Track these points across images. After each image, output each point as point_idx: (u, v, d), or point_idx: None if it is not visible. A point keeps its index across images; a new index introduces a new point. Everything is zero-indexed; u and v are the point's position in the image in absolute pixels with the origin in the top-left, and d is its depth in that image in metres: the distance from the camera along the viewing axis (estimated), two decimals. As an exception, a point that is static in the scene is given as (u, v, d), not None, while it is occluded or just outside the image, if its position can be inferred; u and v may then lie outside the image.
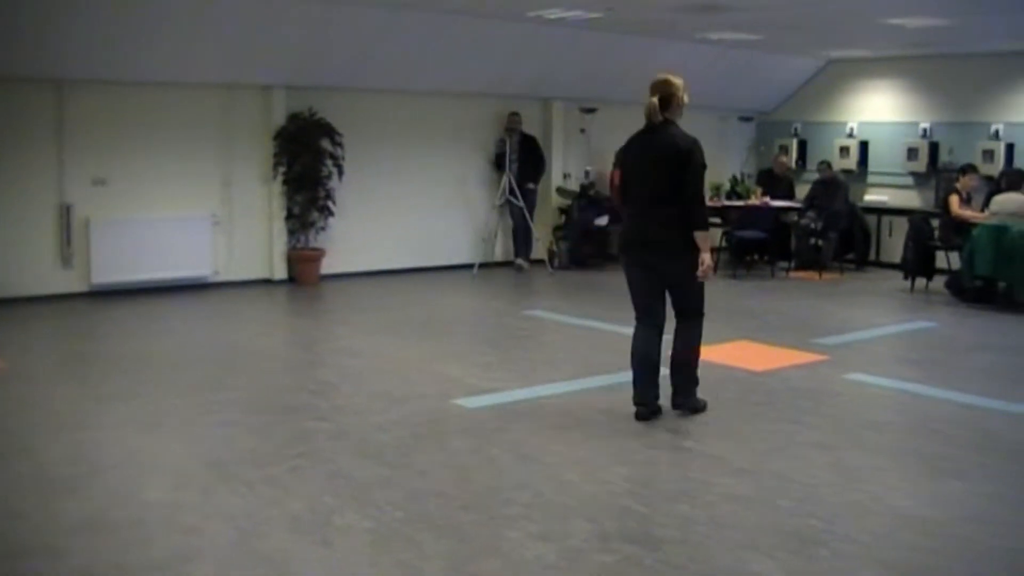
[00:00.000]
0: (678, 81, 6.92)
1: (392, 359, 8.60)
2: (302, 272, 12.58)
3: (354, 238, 13.09)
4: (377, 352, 8.87)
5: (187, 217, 11.92)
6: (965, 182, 12.82)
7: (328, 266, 12.81)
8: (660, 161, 6.70)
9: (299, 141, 12.39)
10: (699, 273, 6.71)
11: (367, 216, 13.23)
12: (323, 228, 12.70)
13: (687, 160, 6.65)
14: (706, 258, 6.70)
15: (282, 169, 12.42)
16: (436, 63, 12.99)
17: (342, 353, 8.92)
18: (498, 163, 14.21)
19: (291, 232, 12.61)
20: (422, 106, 13.71)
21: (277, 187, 12.46)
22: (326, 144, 12.50)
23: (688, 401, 7.05)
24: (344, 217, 12.85)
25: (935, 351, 9.52)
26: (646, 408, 6.88)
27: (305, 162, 12.40)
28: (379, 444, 6.23)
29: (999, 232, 11.40)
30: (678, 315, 7.06)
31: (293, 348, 9.52)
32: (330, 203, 12.61)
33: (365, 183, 13.09)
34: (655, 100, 6.86)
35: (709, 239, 6.78)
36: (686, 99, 6.97)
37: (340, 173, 12.57)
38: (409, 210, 13.67)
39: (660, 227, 6.68)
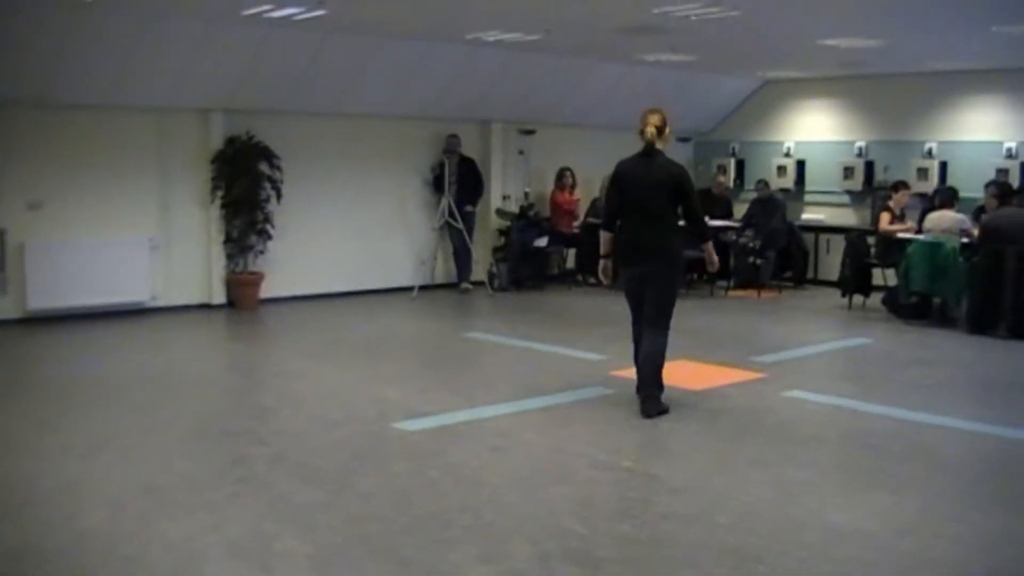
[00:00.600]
0: (667, 115, 7.84)
1: (331, 382, 8.59)
2: (241, 296, 12.52)
3: (293, 261, 13.05)
4: (316, 376, 8.86)
5: (124, 241, 11.83)
6: (898, 199, 13.03)
7: (267, 290, 12.77)
8: (658, 184, 7.58)
9: (237, 164, 12.35)
10: (709, 267, 8.07)
11: (306, 239, 13.19)
12: (262, 252, 12.66)
13: (683, 183, 7.62)
14: (713, 257, 8.00)
15: (220, 192, 12.37)
16: (374, 85, 13.01)
17: (281, 377, 8.91)
18: (437, 185, 14.24)
19: (229, 256, 12.55)
20: (360, 128, 13.72)
21: (215, 211, 12.40)
22: (264, 167, 12.47)
23: (656, 406, 7.61)
24: (283, 240, 12.81)
25: (871, 367, 9.68)
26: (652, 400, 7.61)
27: (243, 185, 12.36)
28: (319, 468, 6.23)
29: (933, 249, 11.61)
30: (650, 323, 7.68)
31: (232, 372, 9.48)
32: (268, 226, 12.57)
33: (304, 206, 13.07)
34: (654, 130, 7.67)
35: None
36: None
37: (278, 196, 12.55)
38: (348, 233, 13.66)
39: (653, 240, 7.59)
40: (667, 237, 7.59)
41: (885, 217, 12.91)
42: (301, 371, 9.07)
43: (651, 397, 7.61)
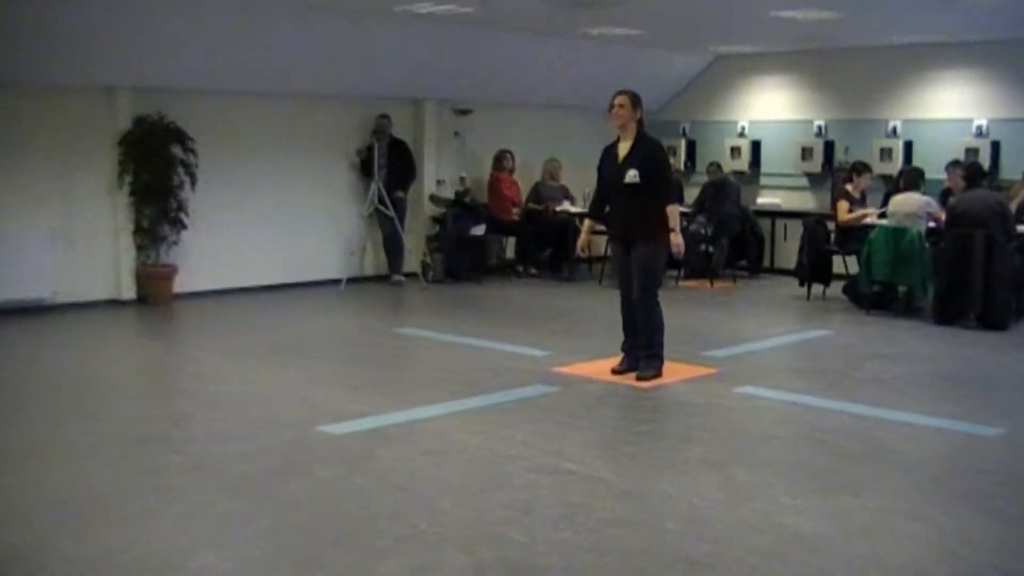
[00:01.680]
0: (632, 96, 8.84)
1: (252, 384, 8.58)
2: (153, 291, 12.45)
3: (210, 253, 13.01)
4: (236, 377, 8.83)
5: (22, 233, 11.70)
6: (857, 183, 13.15)
7: (182, 284, 12.71)
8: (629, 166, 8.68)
9: (147, 147, 12.26)
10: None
11: (224, 229, 13.15)
12: (175, 242, 12.59)
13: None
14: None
15: (128, 179, 12.28)
16: (296, 63, 12.99)
17: (197, 379, 8.88)
18: (365, 170, 14.23)
19: (140, 247, 12.47)
20: (282, 109, 13.68)
21: (123, 198, 12.32)
22: (177, 150, 12.40)
23: (644, 369, 8.77)
24: (198, 230, 12.74)
25: (829, 361, 9.81)
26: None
27: (154, 170, 12.28)
28: (239, 476, 6.21)
29: (897, 235, 11.77)
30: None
31: (144, 375, 9.43)
32: (183, 215, 12.50)
33: (221, 193, 13.02)
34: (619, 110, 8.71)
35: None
36: None
37: (193, 182, 12.47)
38: (270, 222, 13.63)
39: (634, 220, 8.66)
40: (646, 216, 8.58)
41: (843, 206, 13.00)
42: (219, 372, 9.04)
43: (641, 361, 8.81)
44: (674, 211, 8.65)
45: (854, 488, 6.12)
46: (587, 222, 9.26)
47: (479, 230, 14.77)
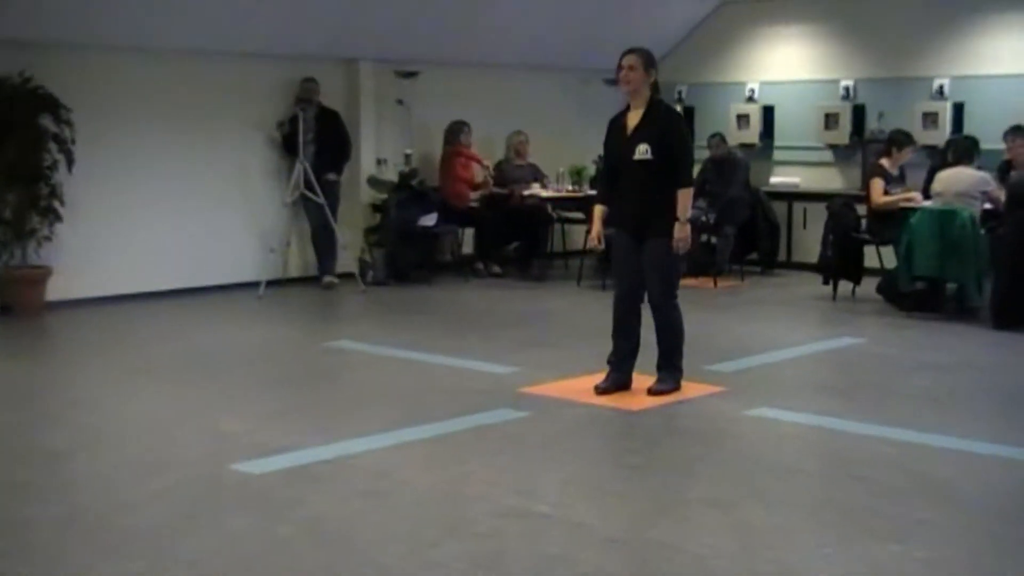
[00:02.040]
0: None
1: (147, 414, 8.50)
2: (19, 298, 12.38)
3: (92, 251, 12.90)
4: (126, 405, 8.76)
5: None
6: (898, 157, 13.13)
7: (57, 290, 12.61)
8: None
9: (7, 118, 12.15)
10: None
11: (110, 221, 13.07)
12: (48, 238, 12.49)
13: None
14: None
15: (-15, 158, 12.22)
16: (198, 11, 12.92)
17: (76, 408, 8.77)
18: (288, 147, 14.18)
19: (2, 244, 12.38)
20: (182, 70, 13.61)
21: (-23, 183, 12.26)
22: (48, 122, 12.31)
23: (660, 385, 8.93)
24: (77, 223, 12.64)
25: (863, 375, 9.82)
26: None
27: (18, 147, 12.17)
28: (128, 531, 6.12)
29: (944, 219, 11.77)
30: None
31: (5, 402, 9.29)
32: (56, 203, 12.40)
33: (106, 176, 12.94)
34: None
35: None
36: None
37: (69, 162, 12.37)
38: (168, 212, 13.56)
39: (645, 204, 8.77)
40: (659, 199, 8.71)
41: (877, 186, 12.99)
42: (105, 399, 8.96)
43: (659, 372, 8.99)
44: (686, 196, 8.72)
45: (898, 534, 6.07)
46: (597, 208, 9.20)
47: (429, 220, 14.73)
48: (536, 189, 15.24)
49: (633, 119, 8.76)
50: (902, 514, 6.34)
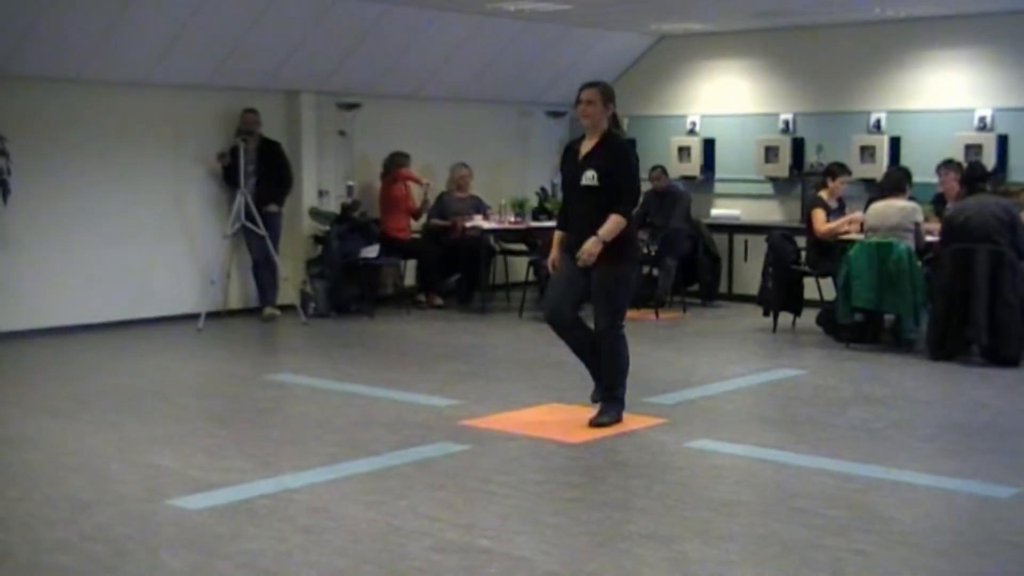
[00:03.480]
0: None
1: (81, 449, 8.39)
2: (-47, 332, 12.25)
3: (28, 283, 12.81)
4: (59, 440, 8.64)
5: None
6: (833, 187, 13.18)
7: (-9, 323, 12.54)
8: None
9: (-60, 149, 12.07)
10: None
11: (46, 252, 12.97)
12: (-18, 270, 12.41)
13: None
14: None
15: (-85, 189, 12.09)
16: (137, 42, 12.86)
17: (7, 443, 8.65)
18: (229, 178, 14.11)
19: (-67, 276, 12.28)
20: (120, 101, 13.54)
21: (-90, 214, 12.14)
22: (-17, 153, 12.21)
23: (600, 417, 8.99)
24: (10, 253, 12.59)
25: (803, 407, 9.81)
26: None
27: (-48, 179, 12.08)
28: (61, 569, 6.04)
29: (882, 251, 11.80)
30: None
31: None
32: (-8, 235, 12.32)
33: (42, 207, 12.84)
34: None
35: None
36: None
37: (5, 193, 12.24)
38: (106, 243, 13.45)
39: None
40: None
41: (819, 215, 13.03)
42: (36, 434, 8.84)
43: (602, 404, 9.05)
44: (617, 222, 8.74)
45: (838, 566, 6.05)
46: (557, 234, 9.32)
47: (371, 252, 14.68)
48: (478, 221, 15.21)
49: (587, 147, 8.94)
50: (841, 546, 6.32)
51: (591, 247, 8.66)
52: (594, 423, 8.87)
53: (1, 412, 9.70)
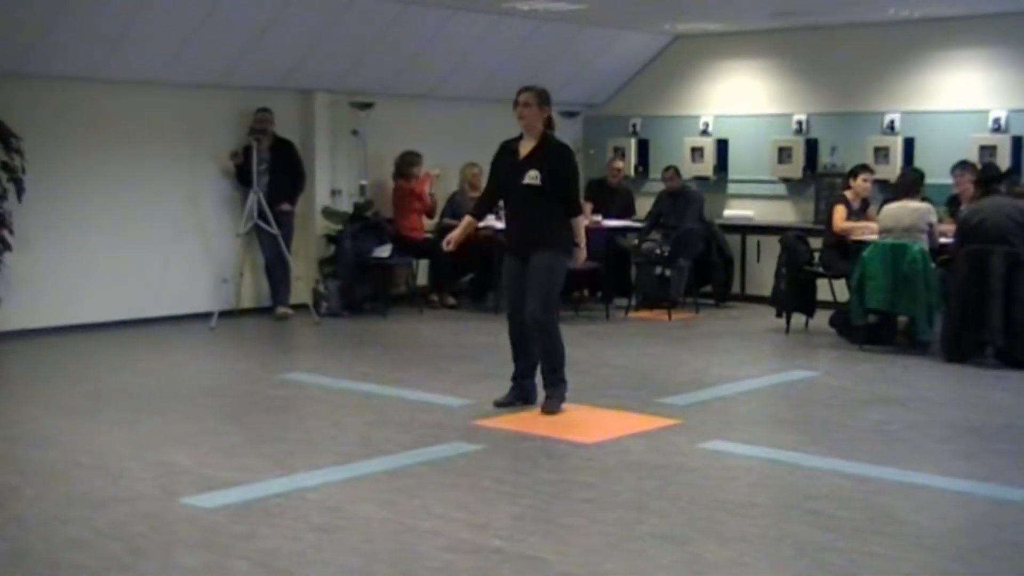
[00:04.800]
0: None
1: (96, 447, 8.40)
2: (-34, 330, 12.27)
3: (42, 281, 12.81)
4: (75, 438, 8.65)
5: None
6: (857, 187, 13.14)
7: (5, 320, 12.52)
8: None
9: (-45, 147, 12.11)
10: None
11: (61, 251, 12.97)
12: (-3, 268, 12.45)
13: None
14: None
15: (-69, 186, 12.12)
16: (152, 41, 12.86)
17: (23, 442, 8.66)
18: (242, 177, 14.11)
19: (-52, 274, 12.32)
20: (135, 100, 13.53)
21: (-74, 212, 12.16)
22: (-2, 151, 12.26)
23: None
24: (27, 252, 12.57)
25: (817, 408, 9.81)
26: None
27: (-34, 176, 12.13)
28: (76, 567, 6.04)
29: (896, 253, 11.78)
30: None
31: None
32: (6, 233, 12.31)
33: (57, 205, 12.85)
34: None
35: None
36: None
37: (19, 192, 12.27)
38: (121, 242, 13.46)
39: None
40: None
41: (839, 212, 13.03)
42: (53, 433, 8.83)
43: (547, 390, 9.49)
44: (580, 223, 9.48)
45: (853, 569, 6.04)
46: (467, 218, 9.99)
47: (384, 251, 14.67)
48: (490, 221, 15.17)
49: (526, 148, 9.39)
50: (856, 548, 6.32)
51: (581, 257, 9.51)
52: (547, 410, 9.31)
53: (17, 410, 9.74)
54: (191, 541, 6.41)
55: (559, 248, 9.30)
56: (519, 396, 9.50)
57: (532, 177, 9.19)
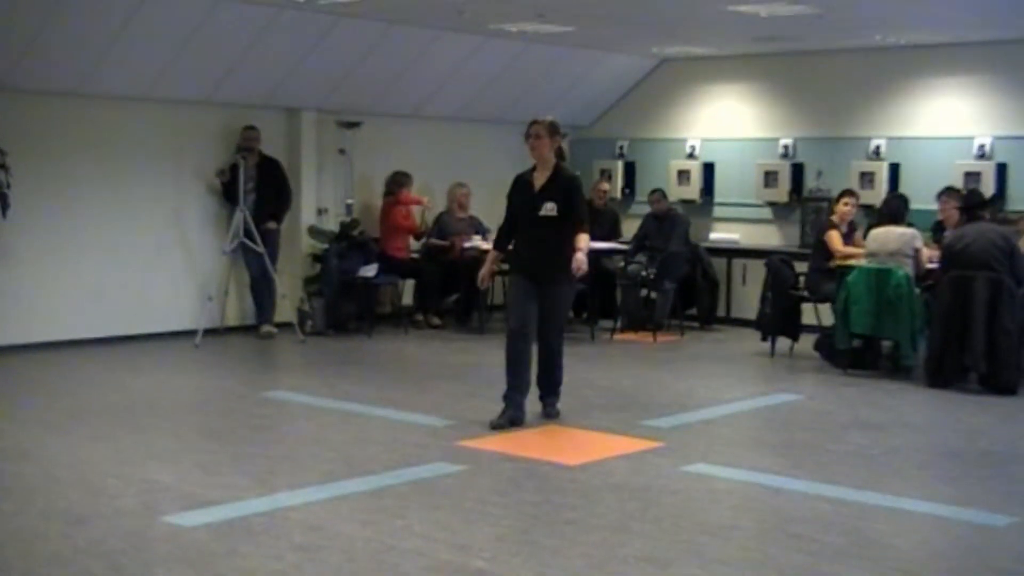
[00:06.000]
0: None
1: (77, 463, 8.37)
2: (-49, 345, 12.23)
3: (26, 296, 12.78)
4: (55, 454, 8.63)
5: None
6: (840, 210, 13.08)
7: (-11, 336, 12.51)
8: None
9: (-61, 162, 12.06)
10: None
11: (45, 266, 12.95)
12: (-20, 283, 12.40)
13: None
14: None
15: (-86, 202, 12.07)
16: (139, 57, 12.85)
17: (2, 458, 8.63)
18: (228, 194, 14.10)
19: (-67, 290, 12.26)
20: (121, 116, 13.53)
21: (-91, 227, 12.13)
22: (-17, 166, 12.21)
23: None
24: (9, 267, 12.56)
25: (800, 432, 9.80)
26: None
27: (-49, 191, 12.07)
28: (55, 582, 6.03)
29: (880, 277, 11.80)
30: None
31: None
32: (-9, 248, 12.30)
33: (41, 221, 12.83)
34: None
35: None
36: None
37: (5, 207, 12.22)
38: (105, 258, 13.44)
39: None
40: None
41: (835, 237, 12.97)
42: (32, 448, 8.82)
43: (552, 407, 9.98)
44: (585, 236, 9.74)
45: (834, 591, 6.03)
46: (492, 254, 10.40)
47: (369, 271, 14.65)
48: (477, 241, 15.20)
49: (540, 179, 9.82)
50: (838, 572, 6.32)
51: (580, 262, 9.52)
52: (553, 415, 9.88)
53: (-3, 425, 9.73)
54: (171, 559, 6.38)
55: (569, 280, 9.71)
56: (513, 419, 9.52)
57: (549, 209, 9.62)
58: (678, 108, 16.98)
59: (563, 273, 9.56)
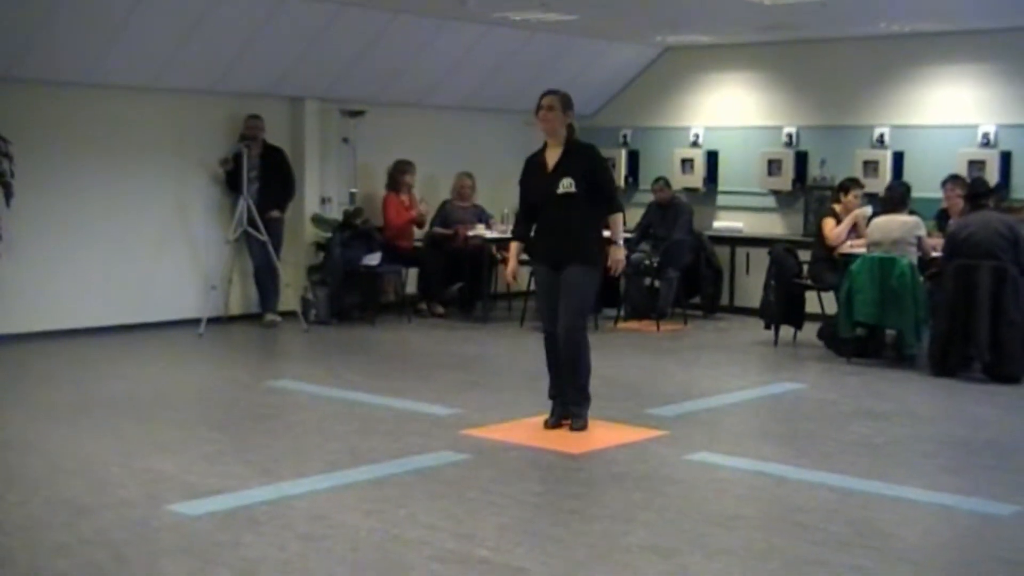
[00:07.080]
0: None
1: (80, 453, 8.37)
2: (-45, 334, 12.23)
3: (30, 286, 12.78)
4: (59, 444, 8.62)
5: None
6: (848, 202, 13.06)
7: (-8, 325, 12.53)
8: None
9: (-57, 151, 12.06)
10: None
11: (49, 256, 12.94)
12: (-15, 273, 12.41)
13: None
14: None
15: (-80, 191, 12.08)
16: (142, 46, 12.84)
17: (7, 447, 8.64)
18: (231, 184, 14.10)
19: (-63, 279, 12.28)
20: (125, 105, 13.52)
21: (-88, 216, 12.15)
22: (-15, 155, 12.21)
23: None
24: (15, 257, 12.55)
25: (804, 421, 9.80)
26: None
27: (-46, 181, 12.09)
28: (59, 574, 6.03)
29: (884, 266, 11.78)
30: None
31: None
32: (-6, 238, 12.31)
33: (45, 210, 12.82)
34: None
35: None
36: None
37: (8, 196, 12.24)
38: (109, 247, 13.44)
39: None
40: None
41: (829, 224, 12.98)
42: (37, 439, 8.81)
43: (572, 409, 9.16)
44: (618, 221, 9.27)
45: (838, 581, 6.02)
46: (514, 245, 9.59)
47: (373, 259, 14.66)
48: (480, 230, 15.19)
49: (552, 156, 9.11)
50: (842, 562, 6.31)
51: (619, 255, 9.24)
52: (577, 427, 9.07)
53: (1, 415, 9.70)
54: (176, 549, 6.38)
55: (591, 263, 9.05)
56: (563, 416, 9.13)
57: (567, 186, 8.91)
58: (682, 96, 16.96)
59: (587, 256, 9.00)
